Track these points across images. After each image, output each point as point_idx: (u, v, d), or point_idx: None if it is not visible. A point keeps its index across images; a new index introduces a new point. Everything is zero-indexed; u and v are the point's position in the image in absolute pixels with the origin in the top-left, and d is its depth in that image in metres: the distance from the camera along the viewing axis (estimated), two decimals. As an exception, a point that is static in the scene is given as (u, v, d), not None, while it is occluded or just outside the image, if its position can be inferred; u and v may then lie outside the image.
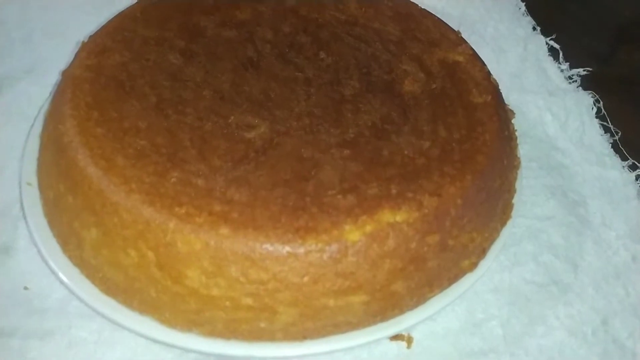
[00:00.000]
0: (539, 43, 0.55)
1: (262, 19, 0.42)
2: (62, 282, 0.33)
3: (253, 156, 0.33)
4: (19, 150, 0.41)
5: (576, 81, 0.52)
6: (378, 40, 0.41)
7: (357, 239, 0.30)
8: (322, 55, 0.40)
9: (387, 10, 0.44)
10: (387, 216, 0.30)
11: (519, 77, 0.52)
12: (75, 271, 0.33)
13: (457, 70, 0.39)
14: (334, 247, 0.29)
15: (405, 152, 0.34)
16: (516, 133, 0.41)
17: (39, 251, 0.35)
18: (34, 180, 0.37)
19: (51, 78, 0.45)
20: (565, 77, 0.52)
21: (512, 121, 0.41)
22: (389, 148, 0.34)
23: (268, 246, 0.29)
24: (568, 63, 0.53)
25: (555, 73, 0.52)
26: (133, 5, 0.42)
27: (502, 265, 0.38)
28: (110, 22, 0.40)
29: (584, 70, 0.52)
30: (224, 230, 0.29)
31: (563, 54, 0.54)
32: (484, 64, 0.40)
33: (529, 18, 0.58)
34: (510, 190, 0.38)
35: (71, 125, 0.33)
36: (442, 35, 0.42)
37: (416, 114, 0.36)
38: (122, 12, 0.42)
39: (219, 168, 0.32)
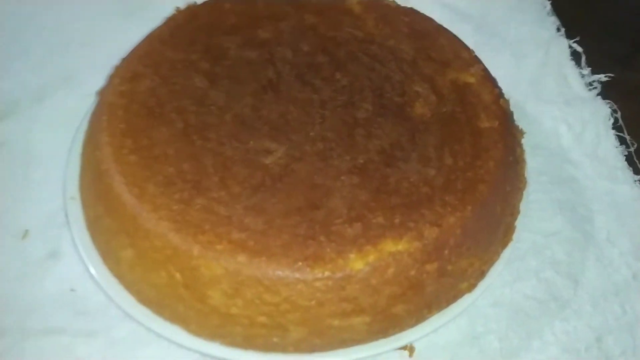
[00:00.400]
0: (562, 46, 0.54)
1: (283, 38, 0.44)
2: (103, 291, 0.38)
3: (270, 183, 0.36)
4: (61, 159, 0.43)
5: (596, 88, 0.52)
6: (392, 60, 0.43)
7: (361, 267, 0.32)
8: (338, 76, 0.41)
9: (403, 27, 0.45)
10: (389, 246, 0.33)
11: (537, 84, 0.52)
12: (114, 281, 0.37)
13: (468, 93, 0.40)
14: (339, 275, 0.32)
15: (411, 180, 0.36)
16: (529, 145, 0.42)
17: (83, 262, 0.39)
18: (77, 195, 0.41)
19: (89, 86, 0.47)
20: (585, 84, 0.52)
21: (522, 141, 0.42)
22: (396, 175, 0.36)
23: (280, 273, 0.32)
24: (590, 68, 0.53)
25: (576, 79, 0.52)
26: (161, 26, 0.44)
27: (504, 280, 0.40)
28: (140, 45, 0.43)
29: (605, 77, 0.52)
30: (241, 258, 0.32)
31: (586, 57, 0.53)
32: (496, 85, 0.41)
33: (554, 18, 0.57)
34: (513, 214, 0.39)
35: (107, 152, 0.37)
36: (456, 54, 0.43)
37: (425, 140, 0.38)
38: (152, 33, 0.44)
39: (238, 195, 0.35)
